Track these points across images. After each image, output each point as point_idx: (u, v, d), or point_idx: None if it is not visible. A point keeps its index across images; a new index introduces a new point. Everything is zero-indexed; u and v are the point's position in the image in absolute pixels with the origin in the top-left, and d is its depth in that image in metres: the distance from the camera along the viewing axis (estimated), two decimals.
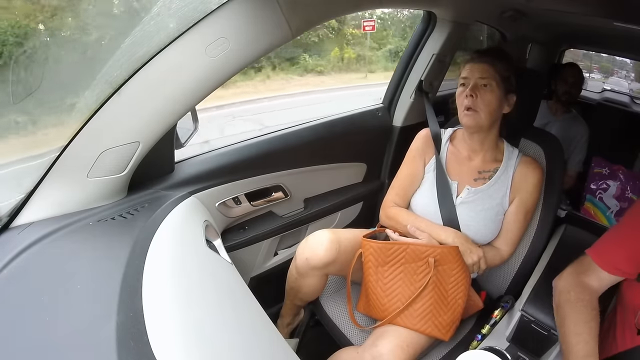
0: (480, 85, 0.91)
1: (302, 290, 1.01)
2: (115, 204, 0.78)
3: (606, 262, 0.75)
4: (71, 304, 0.53)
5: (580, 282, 0.76)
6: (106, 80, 0.69)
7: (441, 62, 1.40)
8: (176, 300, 0.56)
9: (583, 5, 1.15)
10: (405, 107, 1.45)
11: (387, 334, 0.87)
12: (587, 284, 0.76)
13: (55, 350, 0.47)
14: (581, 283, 0.76)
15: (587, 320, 0.70)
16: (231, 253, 1.00)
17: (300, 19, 0.78)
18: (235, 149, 1.07)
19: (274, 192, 1.17)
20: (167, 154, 0.92)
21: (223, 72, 0.75)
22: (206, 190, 0.97)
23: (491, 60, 0.92)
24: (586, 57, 4.74)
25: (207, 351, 0.51)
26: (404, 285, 0.92)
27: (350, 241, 0.97)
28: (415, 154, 1.05)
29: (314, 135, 1.23)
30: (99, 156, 0.73)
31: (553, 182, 1.03)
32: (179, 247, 0.70)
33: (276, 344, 0.67)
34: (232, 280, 0.73)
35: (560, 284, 0.79)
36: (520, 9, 1.43)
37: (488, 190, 0.97)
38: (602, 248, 0.78)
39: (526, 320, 0.86)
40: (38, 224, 0.69)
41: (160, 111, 0.75)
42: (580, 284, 0.76)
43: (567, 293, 0.75)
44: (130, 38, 0.69)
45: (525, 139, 1.08)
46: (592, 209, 1.64)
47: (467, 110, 0.92)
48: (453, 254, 0.90)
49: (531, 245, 1.04)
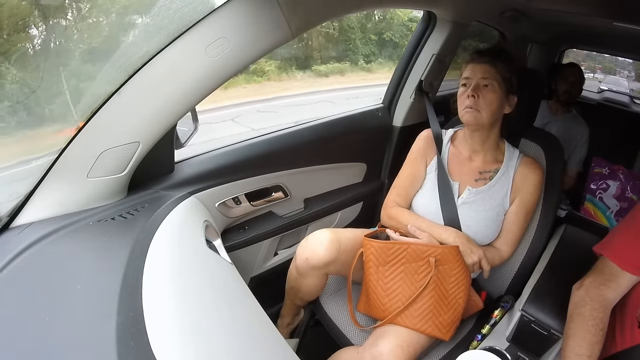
0: (482, 85, 0.91)
1: (302, 290, 1.01)
2: (115, 204, 0.78)
3: (628, 263, 0.74)
4: (71, 304, 0.53)
5: (599, 294, 0.75)
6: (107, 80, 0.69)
7: (441, 62, 1.40)
8: (176, 300, 0.56)
9: (583, 5, 1.15)
10: (405, 107, 1.44)
11: (387, 333, 0.87)
12: (605, 297, 0.75)
13: (55, 350, 0.47)
14: (600, 296, 0.75)
15: (593, 342, 0.70)
16: (231, 253, 1.00)
17: (300, 19, 0.78)
18: (235, 149, 1.07)
19: (274, 192, 1.16)
20: (167, 154, 0.91)
21: (223, 72, 0.75)
22: (206, 190, 0.97)
23: (493, 60, 0.92)
24: (589, 57, 4.74)
25: (206, 351, 0.51)
26: (404, 285, 0.92)
27: (351, 241, 0.97)
28: (417, 155, 1.05)
29: (314, 135, 1.23)
30: (99, 156, 0.73)
31: (553, 182, 1.03)
32: (179, 247, 0.70)
33: (276, 344, 0.67)
34: (232, 280, 0.73)
35: (579, 293, 0.77)
36: (520, 9, 1.43)
37: (489, 190, 0.97)
38: (619, 248, 0.77)
39: (526, 320, 0.86)
40: (38, 224, 0.69)
41: (160, 111, 0.75)
42: (599, 297, 0.75)
43: (583, 306, 0.74)
44: (130, 38, 0.69)
45: (525, 139, 1.08)
46: (592, 209, 1.64)
47: (468, 107, 0.92)
48: (454, 254, 0.90)
49: (531, 245, 1.04)
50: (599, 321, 0.72)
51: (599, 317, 0.72)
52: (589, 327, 0.72)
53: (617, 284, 0.75)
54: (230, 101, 4.83)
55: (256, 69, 5.59)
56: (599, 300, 0.74)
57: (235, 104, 4.84)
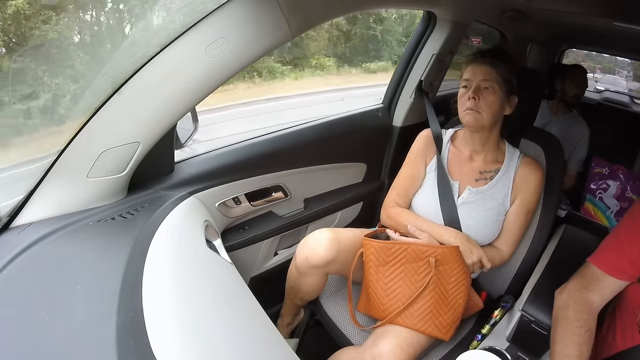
0: (482, 87, 0.91)
1: (302, 290, 1.01)
2: (115, 204, 0.78)
3: (610, 267, 0.74)
4: (71, 304, 0.53)
5: (581, 298, 0.75)
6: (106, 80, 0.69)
7: (441, 62, 1.39)
8: (176, 300, 0.56)
9: (583, 5, 1.15)
10: (405, 107, 1.44)
11: (387, 333, 0.87)
12: (588, 301, 0.75)
13: (55, 350, 0.47)
14: (582, 299, 0.75)
15: (580, 343, 0.69)
16: (231, 253, 1.00)
17: (300, 19, 0.78)
18: (235, 149, 1.07)
19: (274, 192, 1.16)
20: (167, 154, 0.91)
21: (223, 72, 0.75)
22: (206, 191, 0.97)
23: (493, 61, 0.92)
24: (589, 57, 4.75)
25: (206, 351, 0.51)
26: (404, 285, 0.92)
27: (350, 240, 0.97)
28: (416, 155, 1.05)
29: (314, 135, 1.23)
30: (99, 156, 0.73)
31: (553, 182, 1.03)
32: (179, 247, 0.70)
33: (276, 344, 0.67)
34: (232, 280, 0.73)
35: (562, 297, 0.77)
36: (520, 9, 1.43)
37: (489, 190, 0.97)
38: (603, 254, 0.77)
39: (526, 320, 0.86)
40: (38, 224, 0.69)
41: (160, 111, 0.75)
42: (582, 300, 0.75)
43: (566, 309, 0.74)
44: (130, 38, 0.69)
45: (525, 139, 1.08)
46: (592, 209, 1.64)
47: (469, 109, 0.92)
48: (454, 254, 0.90)
49: (531, 245, 1.04)
50: (583, 322, 0.72)
51: (583, 318, 0.72)
52: (574, 329, 0.71)
53: (599, 287, 0.75)
54: (319, 88, 5.93)
55: (317, 64, 6.42)
56: (582, 302, 0.74)
57: (325, 90, 5.87)
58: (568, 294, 0.77)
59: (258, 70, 5.47)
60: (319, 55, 6.55)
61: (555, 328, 0.74)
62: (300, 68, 6.32)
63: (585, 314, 0.73)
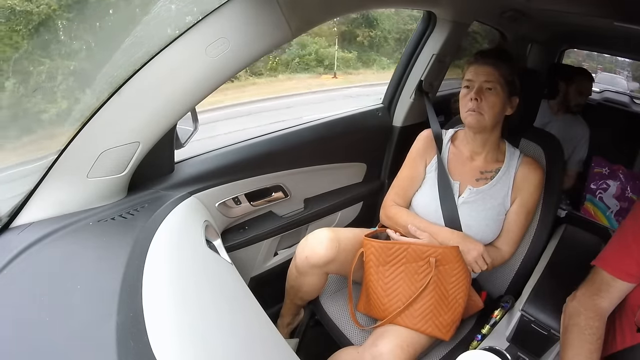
0: (484, 88, 0.91)
1: (302, 289, 1.01)
2: (115, 204, 0.78)
3: (620, 271, 0.74)
4: (71, 304, 0.53)
5: (593, 304, 0.75)
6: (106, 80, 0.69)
7: (441, 62, 1.39)
8: (176, 300, 0.56)
9: (583, 5, 1.15)
10: (405, 107, 1.44)
11: (387, 333, 0.87)
12: (599, 307, 0.74)
13: (55, 350, 0.47)
14: (594, 306, 0.75)
15: (592, 350, 0.70)
16: (231, 253, 1.00)
17: (300, 19, 0.78)
18: (235, 149, 1.07)
19: (274, 192, 1.16)
20: (167, 154, 0.91)
21: (223, 72, 0.75)
22: (206, 191, 0.97)
23: (496, 62, 0.91)
24: (589, 57, 4.73)
25: (206, 351, 0.51)
26: (404, 285, 0.92)
27: (350, 240, 0.97)
28: (416, 155, 1.05)
29: (314, 135, 1.23)
30: (99, 156, 0.73)
31: (553, 182, 1.03)
32: (179, 248, 0.70)
33: (276, 344, 0.67)
34: (232, 280, 0.73)
35: (573, 304, 0.77)
36: (520, 9, 1.43)
37: (490, 190, 0.97)
38: (610, 257, 0.77)
39: (526, 320, 0.86)
40: (38, 224, 0.69)
41: (160, 111, 0.75)
42: (593, 307, 0.74)
43: (577, 316, 0.74)
44: (130, 38, 0.69)
45: (525, 139, 1.08)
46: (592, 209, 1.64)
47: (471, 110, 0.92)
48: (454, 254, 0.90)
49: (531, 245, 1.04)
50: (595, 330, 0.72)
51: (595, 325, 0.72)
52: (587, 337, 0.71)
53: (609, 293, 0.75)
54: (352, 84, 6.55)
55: (338, 65, 7.05)
56: (593, 309, 0.74)
57: (356, 86, 6.42)
58: (579, 301, 0.76)
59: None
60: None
61: (565, 335, 0.74)
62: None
63: (597, 321, 0.73)
